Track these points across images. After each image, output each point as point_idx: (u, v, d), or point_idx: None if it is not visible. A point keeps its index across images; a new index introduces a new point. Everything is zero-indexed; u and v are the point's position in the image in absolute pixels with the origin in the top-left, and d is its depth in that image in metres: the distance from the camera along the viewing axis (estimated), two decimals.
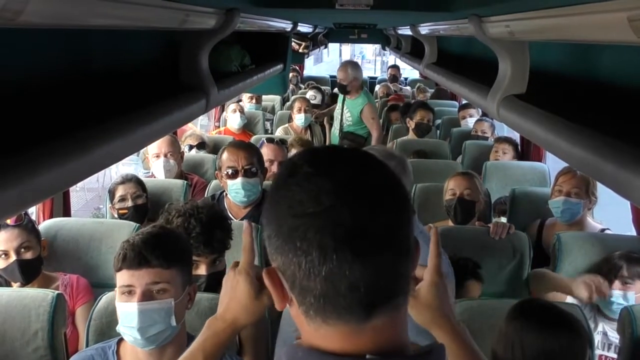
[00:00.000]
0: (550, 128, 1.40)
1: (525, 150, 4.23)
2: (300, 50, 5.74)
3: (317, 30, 6.14)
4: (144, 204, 2.91)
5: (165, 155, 3.40)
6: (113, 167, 7.02)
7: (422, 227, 1.87)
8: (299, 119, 5.21)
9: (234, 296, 1.11)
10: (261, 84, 3.14)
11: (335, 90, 7.45)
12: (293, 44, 5.41)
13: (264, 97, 6.68)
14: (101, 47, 1.44)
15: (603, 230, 2.72)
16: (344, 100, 5.15)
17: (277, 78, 3.83)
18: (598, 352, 2.29)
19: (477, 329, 1.80)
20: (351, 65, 5.14)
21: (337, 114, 5.29)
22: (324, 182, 0.70)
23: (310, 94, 6.75)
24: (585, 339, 1.54)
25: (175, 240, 1.64)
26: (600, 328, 2.29)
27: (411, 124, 4.94)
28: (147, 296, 1.53)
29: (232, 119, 5.05)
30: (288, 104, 6.49)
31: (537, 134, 1.49)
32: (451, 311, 1.14)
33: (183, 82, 1.86)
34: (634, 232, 2.75)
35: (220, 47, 2.30)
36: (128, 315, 1.52)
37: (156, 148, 3.41)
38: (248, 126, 5.34)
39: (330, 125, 5.73)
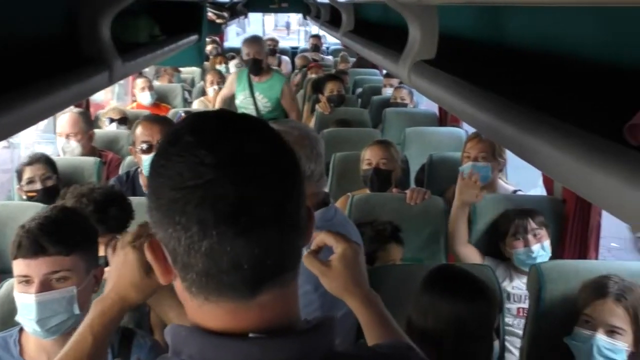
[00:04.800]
0: (457, 92, 1.42)
1: (444, 116, 4.30)
2: (218, 21, 5.61)
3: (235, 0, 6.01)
4: (54, 186, 2.78)
5: (67, 137, 3.26)
6: (29, 145, 6.71)
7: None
8: (211, 92, 5.11)
9: (123, 273, 1.04)
10: (175, 55, 3.04)
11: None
12: (209, 14, 5.27)
13: (184, 69, 6.53)
14: None
15: (515, 191, 2.80)
16: (250, 85, 4.48)
17: (192, 49, 3.72)
18: (516, 305, 2.39)
19: (395, 294, 1.82)
20: (261, 39, 4.67)
21: (244, 103, 4.54)
22: (205, 154, 0.66)
23: (234, 62, 6.62)
24: (496, 305, 1.58)
25: (77, 222, 1.53)
26: (515, 283, 2.38)
27: (323, 99, 4.68)
28: (45, 286, 1.43)
29: (141, 97, 4.88)
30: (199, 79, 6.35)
31: (445, 99, 1.50)
32: (364, 279, 1.14)
33: (83, 53, 1.76)
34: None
35: (127, 17, 2.20)
36: (26, 306, 1.43)
37: (60, 127, 3.28)
38: (165, 99, 5.20)
39: None
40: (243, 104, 4.53)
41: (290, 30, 24.81)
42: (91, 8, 1.75)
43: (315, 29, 11.40)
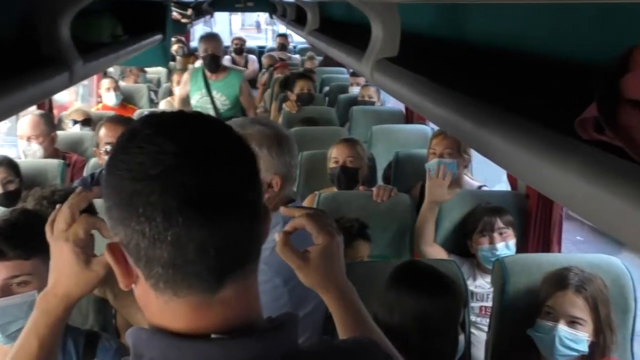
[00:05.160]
0: (418, 90, 1.43)
1: (410, 113, 4.33)
2: (183, 20, 5.56)
3: None
4: (16, 189, 2.73)
5: (28, 139, 3.21)
6: None
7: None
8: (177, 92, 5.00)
9: (60, 268, 0.99)
10: (140, 55, 3.01)
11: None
12: (174, 13, 5.23)
13: (150, 69, 6.46)
14: None
15: (480, 187, 2.84)
16: (206, 83, 4.34)
17: (157, 49, 3.69)
18: (479, 303, 2.42)
19: (362, 291, 1.82)
20: (218, 35, 4.52)
21: (200, 102, 4.37)
22: (164, 141, 0.66)
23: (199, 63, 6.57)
24: (460, 300, 1.61)
25: (37, 224, 1.48)
26: (478, 282, 2.42)
27: (292, 97, 4.71)
28: (5, 291, 1.39)
29: (107, 97, 4.83)
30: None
31: (407, 96, 1.51)
32: (341, 272, 1.09)
33: (42, 53, 1.73)
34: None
35: (88, 17, 2.17)
36: None
37: (20, 130, 3.23)
38: (131, 100, 5.13)
39: None
40: (200, 103, 4.38)
41: (260, 30, 24.69)
42: (50, 6, 1.72)
43: (283, 28, 11.39)
